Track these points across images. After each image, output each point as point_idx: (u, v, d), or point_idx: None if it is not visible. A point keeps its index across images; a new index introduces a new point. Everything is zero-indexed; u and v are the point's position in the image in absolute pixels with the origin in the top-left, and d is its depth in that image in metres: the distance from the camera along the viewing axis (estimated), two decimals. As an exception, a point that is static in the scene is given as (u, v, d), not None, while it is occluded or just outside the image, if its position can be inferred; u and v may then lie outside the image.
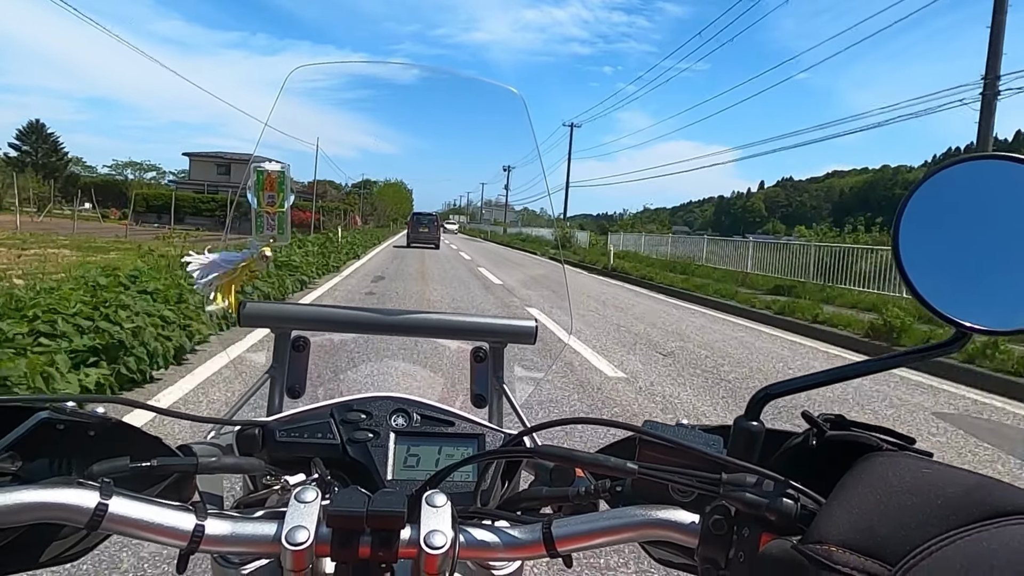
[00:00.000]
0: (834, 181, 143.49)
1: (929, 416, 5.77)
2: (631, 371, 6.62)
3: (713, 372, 6.97)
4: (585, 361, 6.83)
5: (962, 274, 0.53)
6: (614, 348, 7.85)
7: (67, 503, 0.52)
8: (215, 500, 0.71)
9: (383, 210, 46.03)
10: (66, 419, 0.58)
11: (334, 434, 0.77)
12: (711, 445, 0.58)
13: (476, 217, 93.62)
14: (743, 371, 7.17)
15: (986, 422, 5.78)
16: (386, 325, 1.01)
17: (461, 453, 0.78)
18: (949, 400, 6.50)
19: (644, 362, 7.17)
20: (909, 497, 0.45)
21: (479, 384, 1.06)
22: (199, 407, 4.45)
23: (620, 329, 9.51)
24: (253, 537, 0.55)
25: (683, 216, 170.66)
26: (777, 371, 7.37)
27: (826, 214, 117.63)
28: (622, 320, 10.60)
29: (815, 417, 0.58)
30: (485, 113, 1.29)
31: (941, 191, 0.53)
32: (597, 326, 9.55)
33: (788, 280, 16.16)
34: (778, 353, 8.73)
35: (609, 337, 8.65)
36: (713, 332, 10.20)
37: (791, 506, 0.50)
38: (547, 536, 0.57)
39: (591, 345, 7.76)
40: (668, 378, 6.49)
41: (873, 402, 6.12)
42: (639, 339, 8.76)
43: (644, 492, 0.59)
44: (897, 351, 0.57)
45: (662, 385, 6.17)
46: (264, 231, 0.89)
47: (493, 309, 10.10)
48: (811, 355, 8.88)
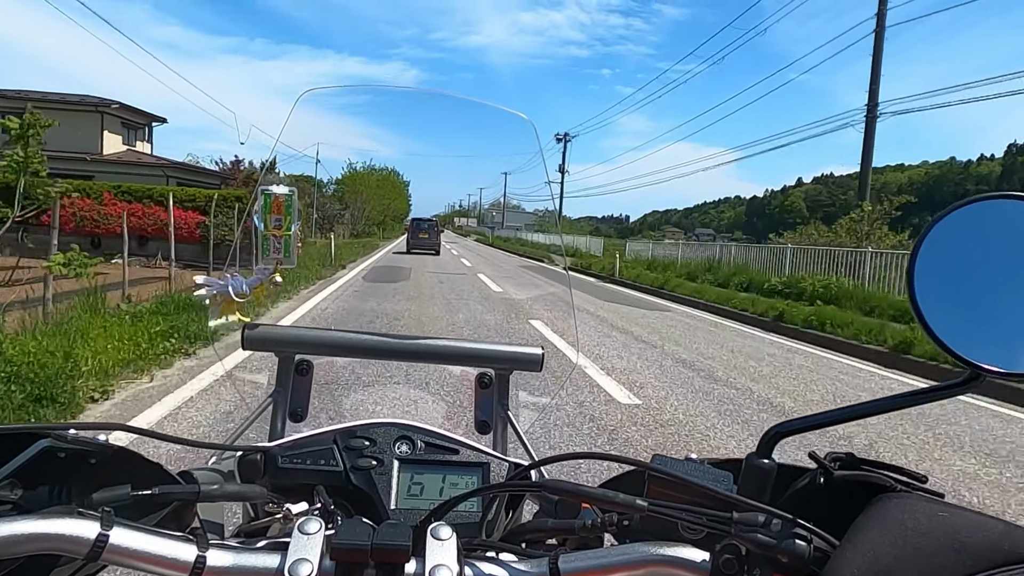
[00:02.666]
0: (886, 176, 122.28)
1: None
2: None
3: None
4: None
5: (977, 314, 0.53)
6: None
7: (67, 534, 0.51)
8: (216, 528, 0.70)
9: (361, 208, 37.67)
10: (67, 447, 0.57)
11: (337, 461, 0.77)
12: (721, 482, 0.58)
13: (483, 220, 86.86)
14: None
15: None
16: (391, 350, 1.01)
17: (466, 482, 0.77)
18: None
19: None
20: (925, 540, 0.44)
21: (483, 410, 1.05)
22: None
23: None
24: (255, 569, 0.54)
25: (699, 218, 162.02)
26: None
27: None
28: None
29: (821, 459, 0.58)
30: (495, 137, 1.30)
31: (956, 230, 0.53)
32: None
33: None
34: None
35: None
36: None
37: (804, 548, 0.50)
38: (554, 571, 0.56)
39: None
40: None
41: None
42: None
43: (652, 528, 0.58)
44: (910, 391, 0.57)
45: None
46: (271, 254, 0.89)
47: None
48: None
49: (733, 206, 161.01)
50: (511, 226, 64.00)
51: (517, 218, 64.40)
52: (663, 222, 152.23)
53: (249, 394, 1.09)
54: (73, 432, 0.58)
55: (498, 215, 74.60)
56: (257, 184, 0.90)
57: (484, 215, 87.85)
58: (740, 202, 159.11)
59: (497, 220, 73.12)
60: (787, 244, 18.82)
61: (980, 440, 5.39)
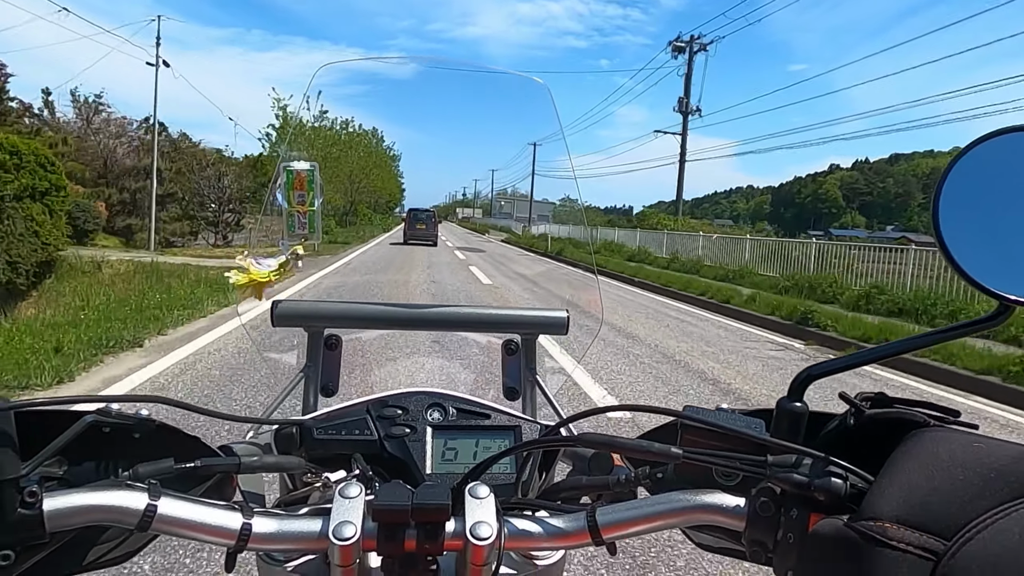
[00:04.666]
0: (928, 161, 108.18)
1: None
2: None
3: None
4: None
5: (1003, 247, 0.52)
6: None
7: (118, 505, 0.52)
8: (257, 499, 0.72)
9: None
10: (112, 421, 0.58)
11: (371, 430, 0.78)
12: (754, 428, 0.58)
13: (490, 210, 73.17)
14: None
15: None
16: (418, 320, 1.02)
17: (499, 445, 0.79)
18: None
19: None
20: (961, 471, 0.44)
21: (511, 376, 1.06)
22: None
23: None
24: (300, 534, 0.56)
25: (711, 209, 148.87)
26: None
27: (916, 205, 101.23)
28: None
29: (852, 398, 0.58)
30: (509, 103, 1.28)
31: (980, 164, 0.53)
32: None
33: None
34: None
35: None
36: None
37: (840, 485, 0.50)
38: (592, 524, 0.57)
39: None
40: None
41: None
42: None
43: (687, 477, 0.59)
44: (941, 328, 0.56)
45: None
46: (296, 230, 0.89)
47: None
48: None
49: (746, 196, 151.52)
50: (521, 218, 53.33)
51: (534, 207, 53.80)
52: (673, 212, 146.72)
53: (280, 371, 1.10)
54: (117, 407, 0.59)
55: (508, 204, 62.47)
56: (279, 161, 0.90)
57: (493, 204, 75.67)
58: (754, 192, 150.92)
59: (507, 210, 61.26)
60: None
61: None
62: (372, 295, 6.77)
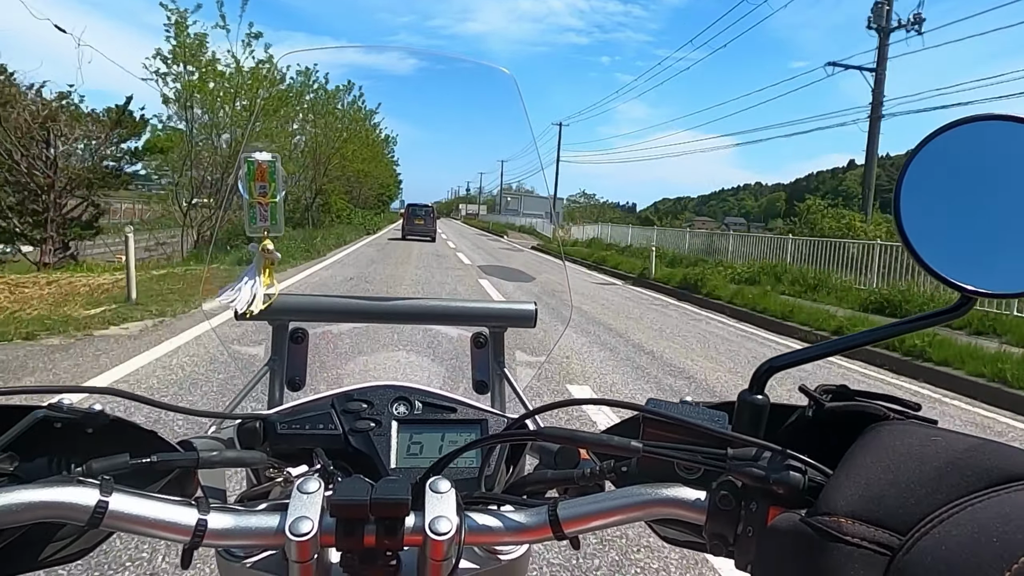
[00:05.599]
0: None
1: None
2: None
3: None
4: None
5: (965, 238, 0.52)
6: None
7: (67, 501, 0.51)
8: (218, 494, 0.71)
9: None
10: (63, 416, 0.57)
11: (336, 424, 0.77)
12: (716, 421, 0.58)
13: (496, 206, 70.50)
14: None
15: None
16: (385, 313, 1.01)
17: (464, 439, 0.78)
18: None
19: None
20: (917, 465, 0.44)
21: (480, 370, 1.05)
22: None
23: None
24: (257, 530, 0.55)
25: (718, 206, 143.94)
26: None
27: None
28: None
29: (811, 391, 0.58)
30: (476, 94, 1.27)
31: (942, 154, 0.53)
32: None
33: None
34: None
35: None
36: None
37: (798, 479, 0.50)
38: (553, 518, 0.56)
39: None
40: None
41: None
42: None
43: (650, 471, 0.59)
44: (901, 319, 0.56)
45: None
46: (257, 223, 0.88)
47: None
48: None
49: (754, 193, 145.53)
50: (529, 214, 51.28)
51: (537, 204, 52.51)
52: (679, 210, 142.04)
53: (245, 364, 1.09)
54: (68, 402, 0.58)
55: (513, 201, 60.86)
56: (240, 151, 0.89)
57: (499, 199, 71.94)
58: (763, 189, 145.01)
59: (514, 206, 59.48)
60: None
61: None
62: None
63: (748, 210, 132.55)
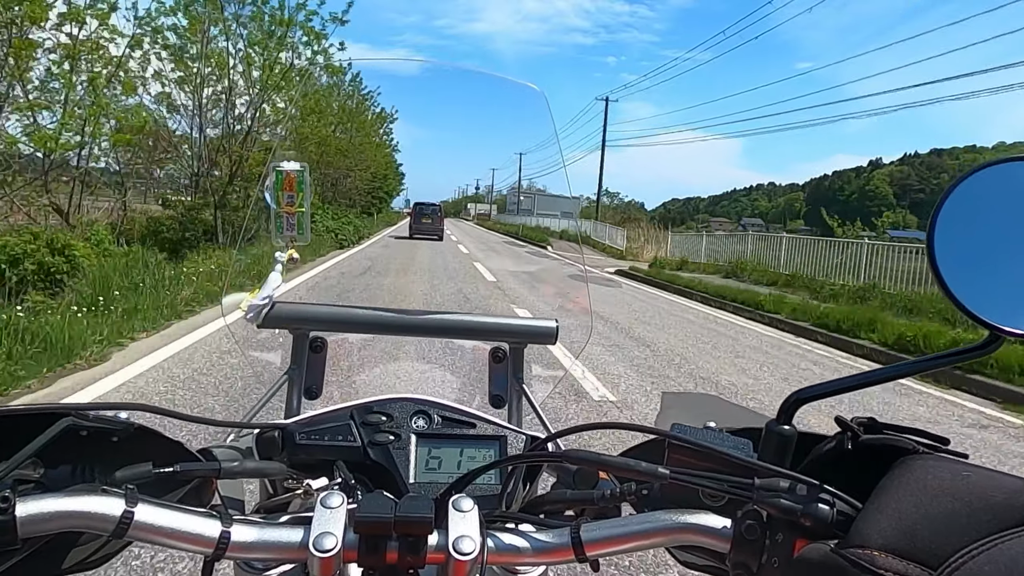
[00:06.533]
0: (962, 159, 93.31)
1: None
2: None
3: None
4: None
5: (997, 276, 0.52)
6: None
7: (93, 511, 0.51)
8: (236, 505, 0.71)
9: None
10: (89, 425, 0.57)
11: (355, 436, 0.77)
12: (741, 448, 0.58)
13: (505, 207, 66.29)
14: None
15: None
16: (406, 326, 1.01)
17: (483, 455, 0.78)
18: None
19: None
20: (949, 501, 0.44)
21: (497, 384, 1.05)
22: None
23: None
24: (280, 544, 0.55)
25: (731, 207, 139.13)
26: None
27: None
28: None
29: (848, 421, 0.57)
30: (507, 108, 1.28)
31: (977, 192, 0.53)
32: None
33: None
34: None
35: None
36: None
37: (827, 511, 0.50)
38: (576, 540, 0.56)
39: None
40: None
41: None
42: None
43: (672, 496, 0.59)
44: (929, 355, 0.56)
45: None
46: (284, 231, 0.88)
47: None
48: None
49: (768, 194, 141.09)
50: (543, 214, 48.20)
51: (552, 204, 48.50)
52: (691, 211, 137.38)
53: (263, 373, 1.09)
54: (94, 412, 0.58)
55: (526, 199, 55.60)
56: (268, 161, 0.89)
57: (507, 198, 66.53)
58: (777, 189, 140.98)
59: (527, 206, 54.89)
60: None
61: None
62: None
63: (763, 211, 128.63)
